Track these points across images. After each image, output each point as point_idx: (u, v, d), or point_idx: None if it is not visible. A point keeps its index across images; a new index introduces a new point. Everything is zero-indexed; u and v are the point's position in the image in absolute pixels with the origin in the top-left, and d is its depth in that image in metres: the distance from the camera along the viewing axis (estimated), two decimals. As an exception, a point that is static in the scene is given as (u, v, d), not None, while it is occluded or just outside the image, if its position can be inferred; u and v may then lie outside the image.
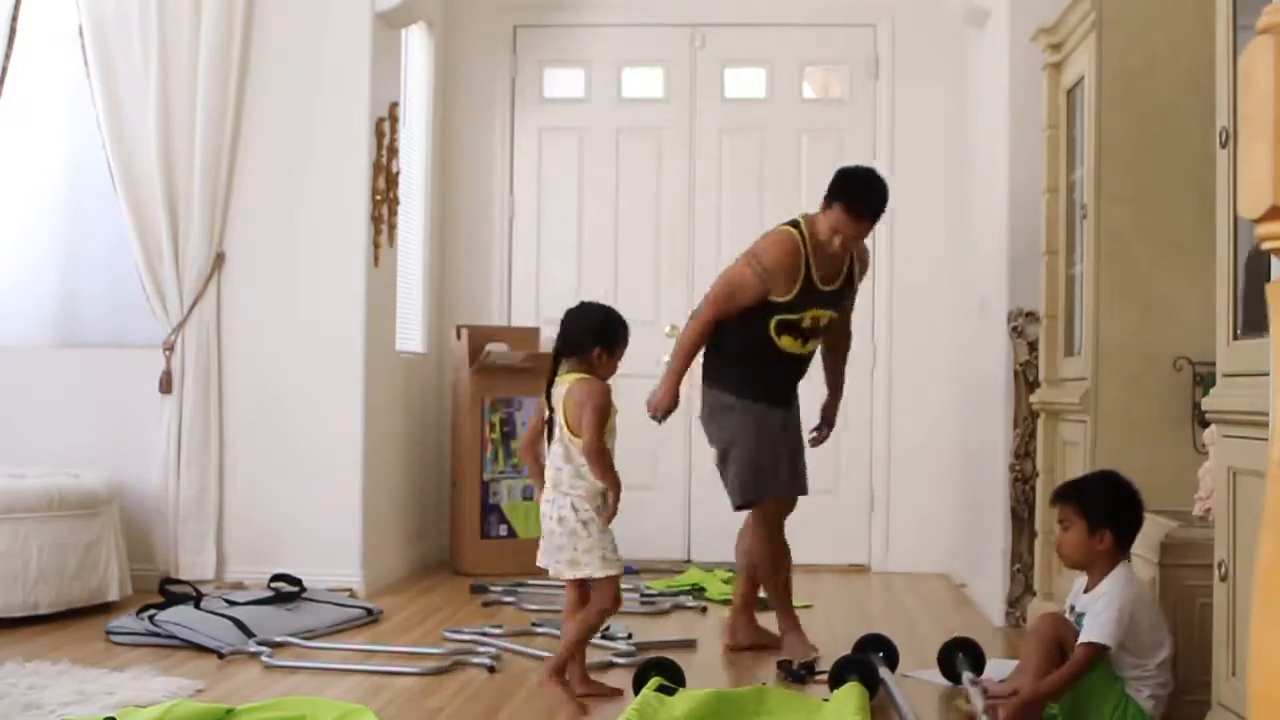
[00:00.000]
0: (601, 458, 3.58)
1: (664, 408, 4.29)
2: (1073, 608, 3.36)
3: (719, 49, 6.53)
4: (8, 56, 5.20)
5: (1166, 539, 3.33)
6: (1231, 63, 2.87)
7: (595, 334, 3.69)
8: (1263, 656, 1.49)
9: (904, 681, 3.92)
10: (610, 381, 3.71)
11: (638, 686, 3.51)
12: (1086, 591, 3.33)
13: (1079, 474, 4.20)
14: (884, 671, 3.73)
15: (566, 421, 3.61)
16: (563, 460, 3.61)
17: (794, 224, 4.36)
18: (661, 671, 3.57)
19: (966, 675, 3.60)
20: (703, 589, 5.43)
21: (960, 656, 3.84)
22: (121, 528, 4.98)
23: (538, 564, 3.71)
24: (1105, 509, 3.30)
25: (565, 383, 3.65)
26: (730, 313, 4.31)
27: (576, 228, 6.56)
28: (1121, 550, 3.31)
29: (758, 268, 4.28)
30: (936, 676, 3.92)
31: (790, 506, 4.48)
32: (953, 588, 5.83)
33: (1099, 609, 3.20)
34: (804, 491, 4.49)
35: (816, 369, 4.62)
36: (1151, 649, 3.22)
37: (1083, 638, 3.20)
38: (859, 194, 4.25)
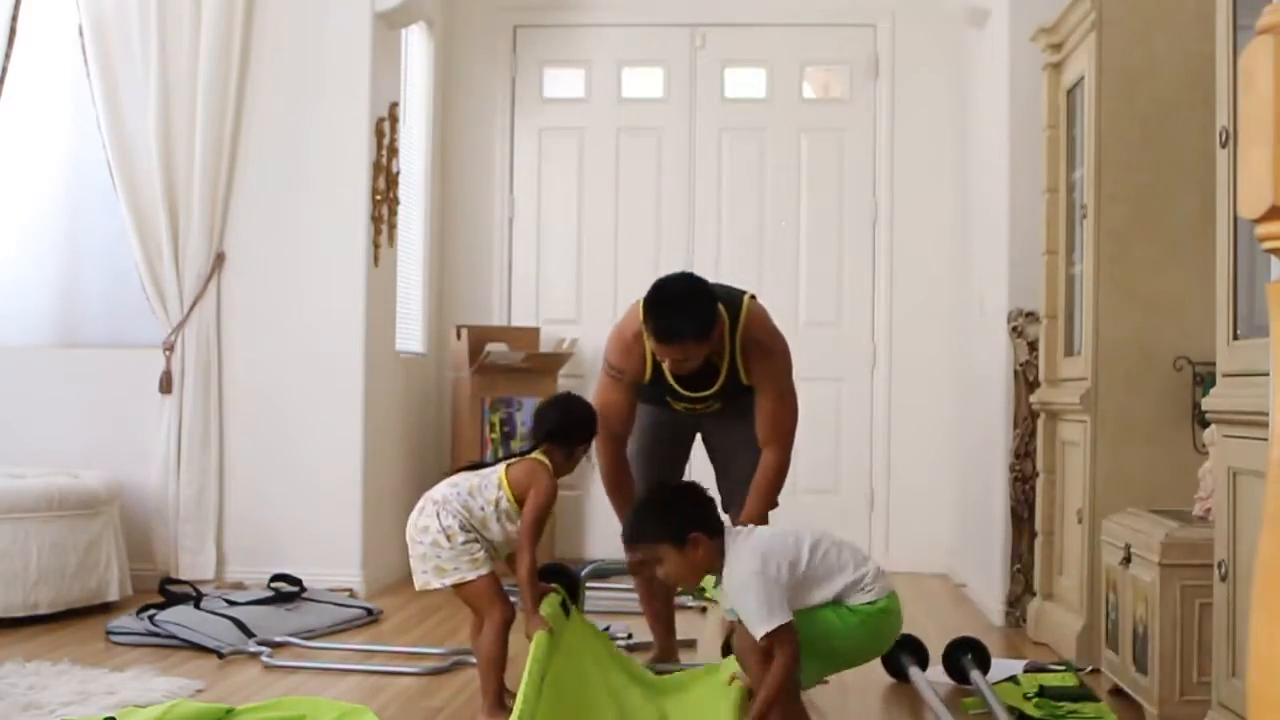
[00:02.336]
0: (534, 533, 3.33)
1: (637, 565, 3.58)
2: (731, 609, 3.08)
3: (719, 49, 6.53)
4: (8, 56, 5.21)
5: (1166, 539, 3.33)
6: (1231, 63, 2.87)
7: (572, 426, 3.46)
8: (1262, 656, 1.48)
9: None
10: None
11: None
12: (717, 586, 3.07)
13: (1079, 474, 4.21)
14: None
15: (510, 483, 3.38)
16: (473, 495, 3.38)
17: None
18: (559, 578, 3.59)
19: None
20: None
21: (969, 657, 3.85)
22: (121, 528, 4.98)
23: (416, 588, 3.38)
24: (674, 523, 3.01)
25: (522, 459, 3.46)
26: (619, 426, 3.78)
27: (576, 228, 6.56)
28: (717, 532, 3.02)
29: (609, 369, 3.79)
30: (941, 676, 3.92)
31: None
32: (953, 588, 5.83)
33: (744, 604, 2.93)
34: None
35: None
36: (833, 571, 3.00)
37: (757, 634, 2.89)
38: (650, 316, 3.57)
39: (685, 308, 3.55)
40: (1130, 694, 3.54)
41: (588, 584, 3.82)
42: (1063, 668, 3.92)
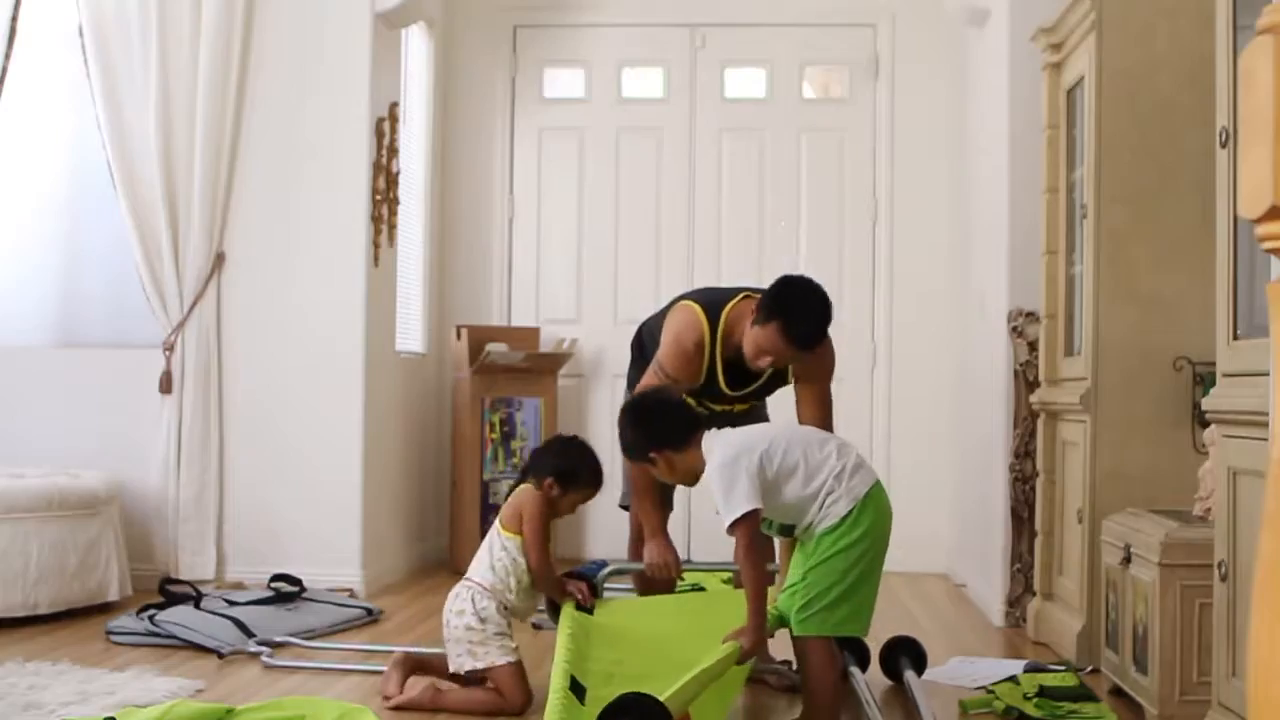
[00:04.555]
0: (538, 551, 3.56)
1: (663, 566, 3.72)
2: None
3: (719, 49, 6.53)
4: (8, 56, 5.20)
5: (1166, 539, 3.33)
6: (1231, 63, 2.87)
7: (554, 464, 3.65)
8: (1263, 656, 1.48)
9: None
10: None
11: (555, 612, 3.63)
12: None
13: (1079, 474, 4.21)
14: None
15: (503, 524, 3.61)
16: (492, 556, 3.56)
17: (710, 313, 3.69)
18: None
19: None
20: (703, 589, 5.42)
21: (904, 658, 3.86)
22: (121, 528, 4.98)
23: (451, 670, 3.56)
24: (642, 438, 3.23)
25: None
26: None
27: (576, 228, 6.56)
28: (688, 435, 3.18)
29: (665, 377, 3.73)
30: (937, 676, 3.91)
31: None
32: (953, 588, 5.83)
33: (715, 497, 3.06)
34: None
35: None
36: (805, 475, 3.06)
37: (725, 525, 3.04)
38: (803, 318, 3.51)
39: (827, 317, 3.55)
40: (1130, 694, 3.54)
41: (606, 585, 3.84)
42: (1063, 668, 3.92)
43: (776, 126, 6.49)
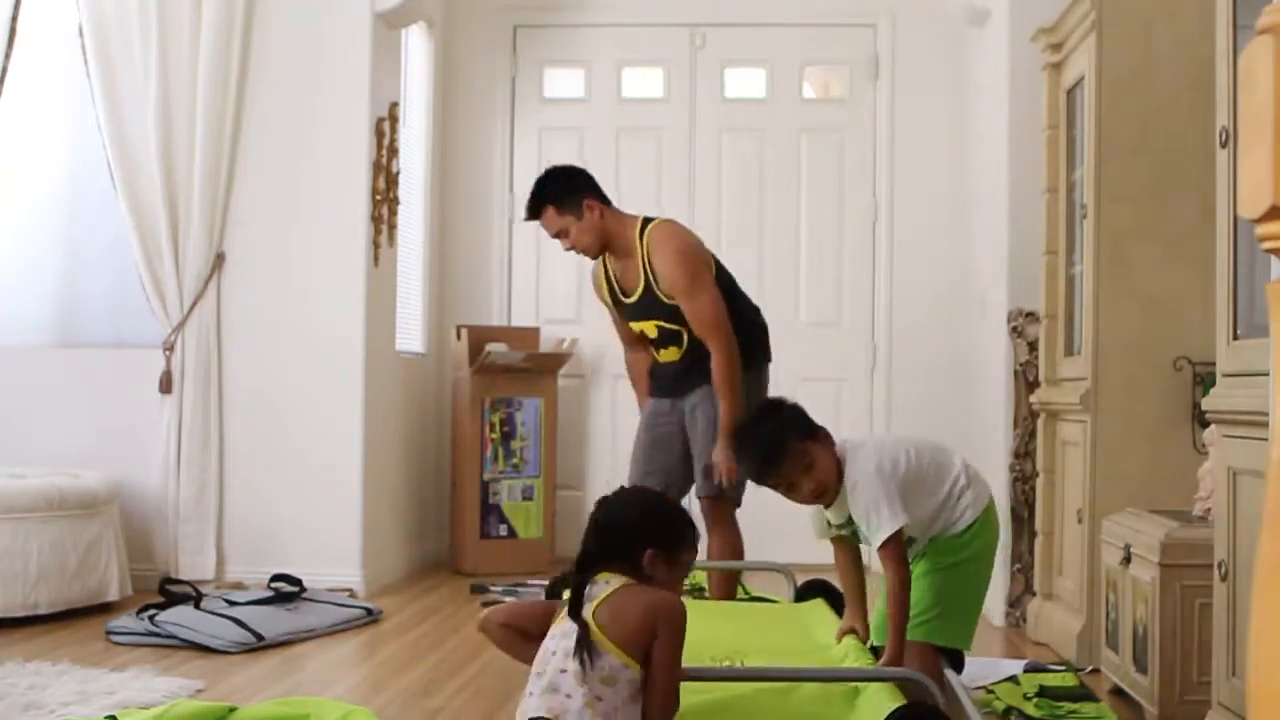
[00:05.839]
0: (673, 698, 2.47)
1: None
2: (832, 523, 3.07)
3: (719, 49, 6.53)
4: (8, 56, 5.20)
5: (1166, 539, 3.33)
6: (1231, 63, 2.87)
7: (640, 532, 2.58)
8: (1263, 656, 1.48)
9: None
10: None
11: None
12: (830, 506, 3.01)
13: (1079, 474, 4.21)
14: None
15: (608, 634, 2.40)
16: (592, 675, 2.39)
17: None
18: None
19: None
20: (703, 589, 5.42)
21: None
22: (121, 528, 4.98)
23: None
24: (787, 438, 2.90)
25: (608, 586, 2.49)
26: (625, 335, 4.40)
27: (576, 228, 6.55)
28: (828, 442, 2.92)
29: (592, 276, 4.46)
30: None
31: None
32: (953, 588, 5.82)
33: (862, 508, 2.90)
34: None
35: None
36: (936, 480, 2.99)
37: (875, 542, 2.89)
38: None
39: (535, 189, 4.21)
40: (1130, 694, 3.54)
41: None
42: (1063, 668, 3.92)
43: (776, 126, 6.49)
